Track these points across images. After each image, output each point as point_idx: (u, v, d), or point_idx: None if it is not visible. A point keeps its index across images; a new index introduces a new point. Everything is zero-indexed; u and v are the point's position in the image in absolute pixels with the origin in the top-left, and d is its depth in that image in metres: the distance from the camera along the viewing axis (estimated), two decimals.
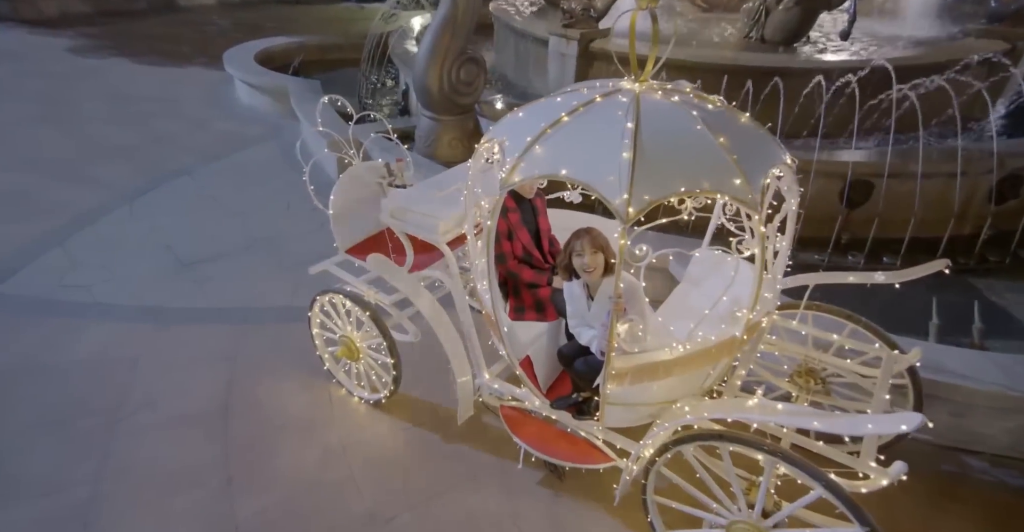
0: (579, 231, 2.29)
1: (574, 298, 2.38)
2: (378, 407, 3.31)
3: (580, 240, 2.26)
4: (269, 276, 4.44)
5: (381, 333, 3.00)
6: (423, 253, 3.15)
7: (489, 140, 2.44)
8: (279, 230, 5.04)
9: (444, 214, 2.84)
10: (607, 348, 2.09)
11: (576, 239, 2.28)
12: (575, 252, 2.28)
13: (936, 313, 3.25)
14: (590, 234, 2.26)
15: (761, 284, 2.00)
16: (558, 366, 3.00)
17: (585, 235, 2.26)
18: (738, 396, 2.33)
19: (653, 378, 2.18)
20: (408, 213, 2.95)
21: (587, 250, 2.25)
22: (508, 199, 2.40)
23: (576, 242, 2.28)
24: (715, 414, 1.95)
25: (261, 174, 6.05)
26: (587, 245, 2.25)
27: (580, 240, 2.26)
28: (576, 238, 2.29)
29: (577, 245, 2.27)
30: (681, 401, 2.30)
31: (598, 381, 2.43)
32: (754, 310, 2.04)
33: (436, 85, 5.08)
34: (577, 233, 2.29)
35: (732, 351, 2.15)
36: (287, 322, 3.90)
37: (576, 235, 2.29)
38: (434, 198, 2.96)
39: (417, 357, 3.60)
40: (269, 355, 3.66)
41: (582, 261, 2.26)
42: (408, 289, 2.90)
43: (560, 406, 2.73)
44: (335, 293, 3.12)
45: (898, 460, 1.76)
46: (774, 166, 2.06)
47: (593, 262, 2.25)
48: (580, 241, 2.26)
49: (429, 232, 2.85)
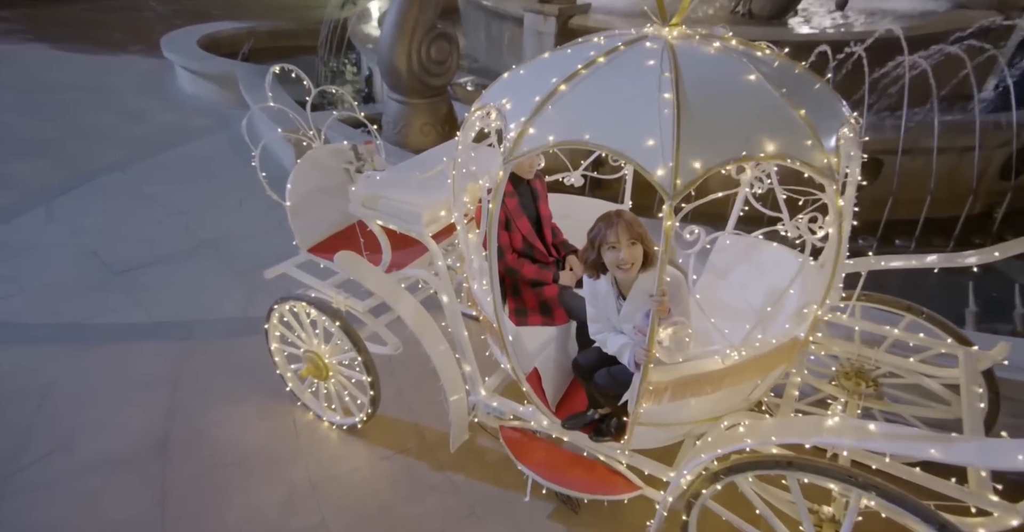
0: (608, 217, 1.83)
1: (599, 298, 1.94)
2: (353, 433, 2.81)
3: (613, 228, 1.79)
4: (218, 283, 3.85)
5: (354, 346, 2.50)
6: (402, 249, 2.66)
7: (483, 106, 1.97)
8: (230, 230, 4.44)
9: (427, 201, 2.36)
10: (645, 358, 1.66)
11: (607, 227, 1.80)
12: (607, 244, 1.80)
13: (972, 299, 2.96)
14: (624, 220, 1.81)
15: (836, 272, 1.61)
16: (568, 377, 2.56)
17: (618, 221, 1.81)
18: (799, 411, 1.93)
19: (698, 393, 1.77)
20: (383, 201, 2.46)
21: (623, 241, 1.78)
22: None
23: (608, 231, 1.79)
24: (787, 438, 1.54)
25: (208, 169, 5.40)
26: (623, 234, 1.78)
27: (613, 228, 1.79)
28: (607, 226, 1.80)
29: (610, 235, 1.79)
30: (727, 418, 1.89)
31: (626, 397, 2.01)
32: (824, 304, 1.64)
33: (404, 64, 4.56)
34: (607, 219, 1.83)
35: (793, 356, 1.75)
36: (241, 336, 3.34)
37: (606, 222, 1.83)
38: (413, 182, 2.47)
39: (398, 368, 3.12)
40: (219, 377, 3.10)
41: (617, 255, 1.79)
42: (385, 292, 2.41)
43: (574, 426, 2.30)
44: (296, 300, 2.60)
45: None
46: (842, 125, 1.67)
47: (631, 256, 1.79)
48: (613, 230, 1.78)
49: (410, 223, 2.37)
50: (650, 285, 1.75)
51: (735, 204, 2.47)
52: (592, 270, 1.89)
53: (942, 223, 4.00)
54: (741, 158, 1.47)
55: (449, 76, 4.85)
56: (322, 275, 2.81)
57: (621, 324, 1.89)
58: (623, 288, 1.88)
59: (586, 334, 2.36)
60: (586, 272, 1.92)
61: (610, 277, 1.89)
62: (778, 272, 2.25)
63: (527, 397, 2.27)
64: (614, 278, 1.88)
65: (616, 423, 2.24)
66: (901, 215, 3.97)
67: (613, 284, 1.89)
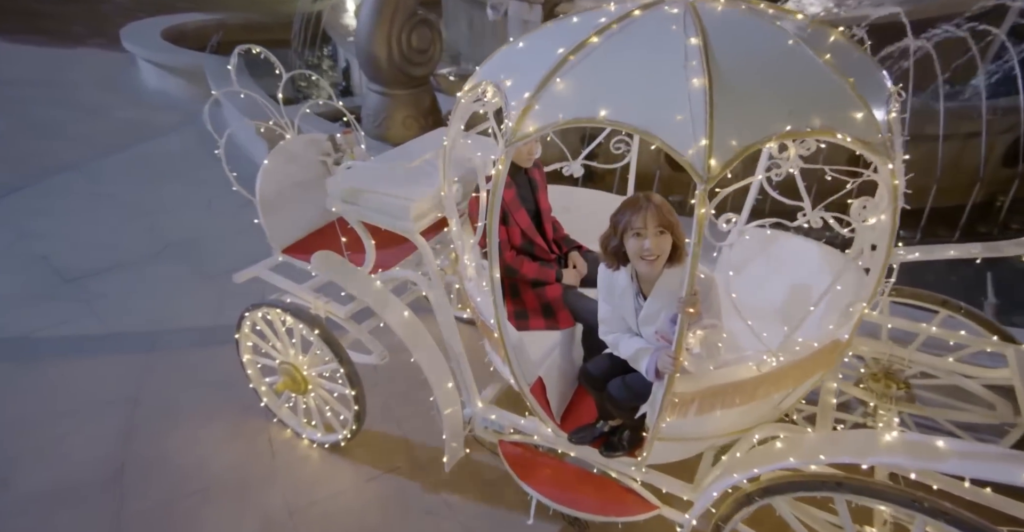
0: (636, 200, 1.61)
1: (614, 294, 1.72)
2: (336, 452, 2.55)
3: (640, 213, 1.56)
4: (185, 289, 3.55)
5: (336, 356, 2.25)
6: (388, 248, 2.41)
7: (477, 84, 1.74)
8: (199, 232, 4.12)
9: (415, 193, 2.12)
10: (670, 367, 1.44)
11: (634, 211, 1.58)
12: (631, 230, 1.58)
13: (991, 290, 2.82)
14: (653, 204, 1.57)
15: (887, 265, 1.41)
16: (573, 385, 2.34)
17: (647, 206, 1.57)
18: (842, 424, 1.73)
19: (728, 405, 1.56)
20: (365, 195, 2.21)
21: (650, 228, 1.55)
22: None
23: (634, 216, 1.57)
24: (838, 457, 1.34)
25: (174, 167, 5.05)
26: (651, 220, 1.55)
27: (640, 213, 1.56)
28: (634, 210, 1.58)
29: (635, 220, 1.56)
30: (758, 430, 1.69)
31: (644, 410, 1.79)
32: (873, 300, 1.45)
33: (384, 52, 4.29)
34: (634, 203, 1.60)
35: (834, 360, 1.56)
36: (211, 346, 3.05)
37: (633, 206, 1.59)
38: (399, 174, 2.23)
39: (383, 378, 2.86)
40: (184, 393, 2.81)
41: (641, 244, 1.57)
42: (369, 296, 2.16)
43: (582, 440, 2.08)
44: (270, 307, 2.34)
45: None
46: (888, 98, 1.47)
47: (658, 246, 1.57)
48: (640, 214, 1.56)
49: (396, 219, 2.13)
50: (676, 283, 1.54)
51: (749, 193, 2.28)
52: (612, 258, 1.68)
53: (944, 213, 3.88)
54: (785, 134, 1.27)
55: (432, 66, 4.60)
56: (299, 278, 2.55)
57: (640, 326, 1.68)
58: (644, 285, 1.66)
59: (594, 339, 2.15)
60: (604, 260, 1.71)
61: (630, 270, 1.67)
62: (800, 266, 2.06)
63: (530, 409, 2.04)
64: (635, 272, 1.67)
65: (629, 436, 2.03)
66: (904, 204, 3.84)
67: (633, 279, 1.67)
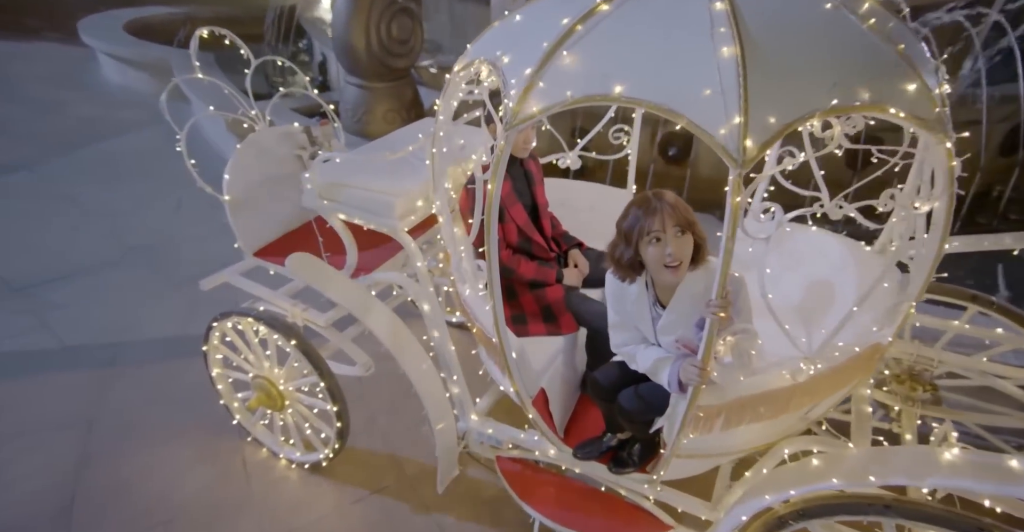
0: (646, 200, 1.37)
1: (626, 303, 1.53)
2: (318, 472, 2.33)
3: (655, 215, 1.34)
4: (150, 297, 3.28)
5: (315, 369, 2.04)
6: (370, 248, 2.21)
7: (470, 62, 1.55)
8: (166, 235, 3.85)
9: (401, 188, 1.92)
10: (696, 378, 1.27)
11: (647, 214, 1.34)
12: (648, 235, 1.35)
13: (1003, 284, 2.72)
14: (667, 203, 1.34)
15: (940, 256, 1.26)
16: (575, 394, 2.16)
17: (660, 206, 1.34)
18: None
19: (758, 418, 1.40)
20: (345, 190, 2.01)
21: (669, 230, 1.33)
22: (485, 168, 1.50)
23: (648, 219, 1.34)
24: (892, 478, 1.17)
25: (139, 166, 4.75)
26: (669, 222, 1.33)
27: (655, 215, 1.34)
28: (647, 212, 1.34)
29: (651, 223, 1.33)
30: (787, 443, 1.53)
31: (660, 424, 1.62)
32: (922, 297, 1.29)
33: (363, 43, 4.08)
34: (644, 204, 1.36)
35: (873, 366, 1.40)
36: (178, 359, 2.80)
37: (644, 207, 1.35)
38: (382, 166, 2.02)
39: (368, 390, 2.66)
40: (148, 412, 2.56)
41: (662, 251, 1.34)
42: (351, 302, 1.95)
43: (589, 455, 1.90)
44: (241, 316, 2.11)
45: None
46: (936, 69, 1.32)
47: (680, 250, 1.34)
48: (656, 217, 1.34)
49: (380, 216, 1.93)
50: (700, 287, 1.37)
51: (759, 183, 2.13)
52: (627, 271, 1.44)
53: None
54: (830, 109, 1.10)
55: (413, 57, 4.39)
56: (273, 284, 2.33)
57: (659, 336, 1.49)
58: (661, 291, 1.47)
59: (600, 344, 1.97)
60: (617, 273, 1.48)
61: (645, 277, 1.48)
62: (820, 261, 1.91)
63: (532, 423, 1.86)
64: (649, 279, 1.48)
65: (640, 450, 1.86)
66: None
67: (648, 287, 1.48)
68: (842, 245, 1.86)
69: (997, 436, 1.99)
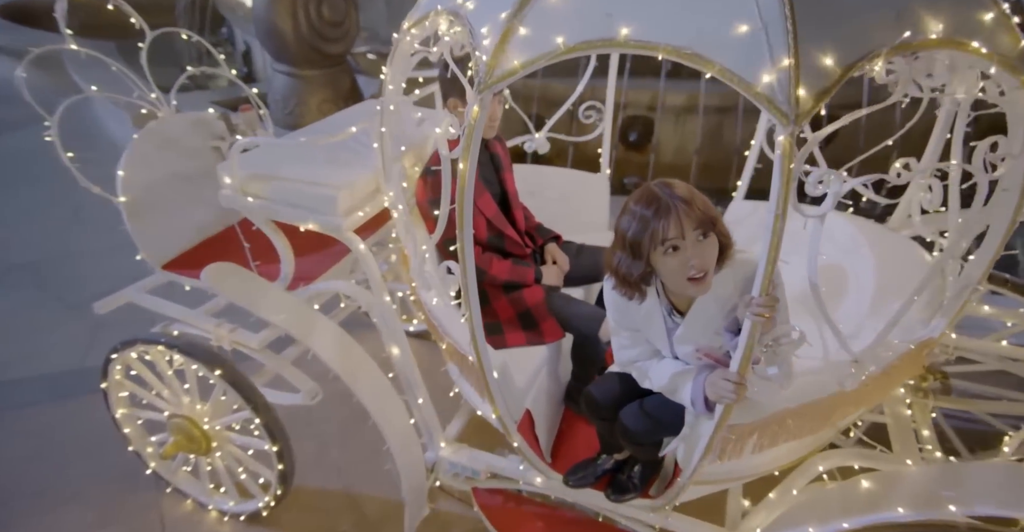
0: (653, 197, 1.06)
1: (633, 316, 1.25)
2: (258, 522, 1.95)
3: (669, 217, 1.04)
4: (39, 323, 2.75)
5: (248, 402, 1.67)
6: (309, 253, 1.86)
7: (424, 17, 1.25)
8: (59, 250, 3.29)
9: (343, 178, 1.60)
10: (731, 394, 1.03)
11: (658, 216, 1.04)
12: (663, 244, 1.05)
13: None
14: (680, 199, 1.05)
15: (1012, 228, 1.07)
16: (559, 409, 1.90)
17: (675, 204, 1.04)
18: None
19: (797, 435, 1.18)
20: (275, 184, 1.65)
21: (689, 235, 1.04)
22: (451, 145, 1.19)
23: (661, 223, 1.04)
24: (982, 507, 0.93)
25: (26, 171, 4.10)
26: (688, 224, 1.04)
27: (669, 217, 1.04)
28: (657, 214, 1.04)
29: (667, 230, 1.03)
30: (821, 459, 1.32)
31: (673, 446, 1.38)
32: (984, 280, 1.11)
33: (289, 25, 3.65)
34: (652, 202, 1.06)
35: (921, 364, 1.21)
36: (74, 400, 2.33)
37: (654, 207, 1.05)
38: (319, 153, 1.69)
39: (317, 416, 2.30)
40: (36, 467, 2.08)
41: (684, 262, 1.05)
42: (288, 319, 1.60)
43: (583, 482, 1.64)
44: (148, 343, 1.71)
45: None
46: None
47: (704, 258, 1.06)
48: (670, 219, 1.04)
49: (319, 213, 1.59)
50: (728, 286, 1.12)
51: (748, 160, 1.94)
52: (636, 288, 1.15)
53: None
54: (899, 45, 0.88)
55: (348, 42, 4.00)
56: (193, 301, 1.92)
57: (676, 347, 1.24)
58: (678, 298, 1.20)
59: (588, 351, 1.72)
60: (622, 290, 1.17)
61: (655, 285, 1.20)
62: (826, 245, 1.73)
63: (517, 451, 1.58)
64: (661, 287, 1.20)
65: (641, 471, 1.62)
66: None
67: (660, 294, 1.21)
68: (851, 224, 1.69)
69: (1003, 421, 1.89)
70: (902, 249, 1.45)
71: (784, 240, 1.53)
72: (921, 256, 1.40)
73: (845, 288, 1.58)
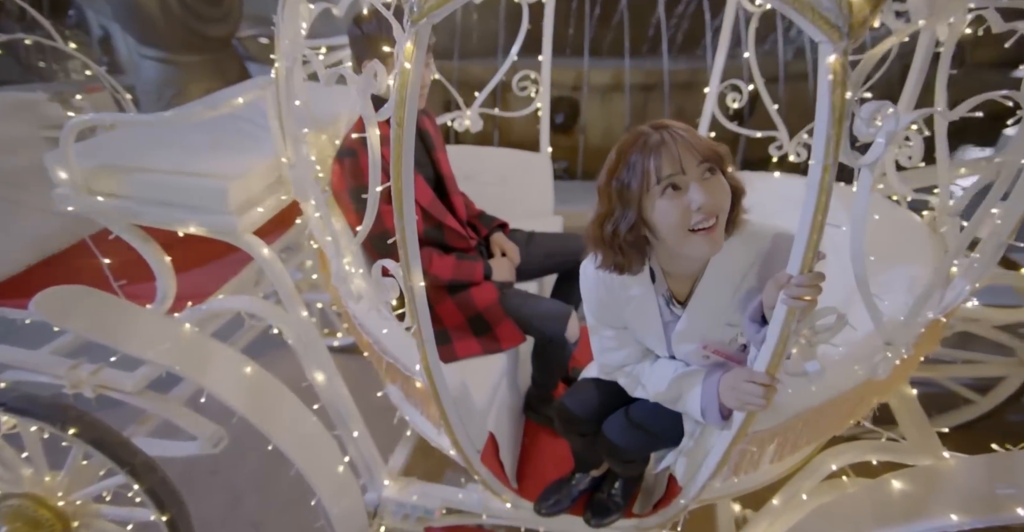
0: (641, 137, 0.85)
1: (619, 310, 1.01)
2: None
3: (664, 150, 0.82)
4: None
5: (122, 465, 1.26)
6: (198, 265, 1.48)
7: None
8: None
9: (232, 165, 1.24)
10: (760, 400, 0.83)
11: (646, 152, 0.83)
12: (660, 182, 0.83)
13: None
14: (675, 130, 0.84)
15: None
16: (521, 423, 1.64)
17: (669, 135, 0.83)
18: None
19: (821, 434, 1.02)
20: (135, 178, 1.26)
21: (691, 169, 0.83)
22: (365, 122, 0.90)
23: (652, 159, 0.82)
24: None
25: None
26: (687, 153, 0.82)
27: (664, 150, 0.82)
28: (645, 150, 0.83)
29: (661, 165, 0.82)
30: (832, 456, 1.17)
31: (669, 461, 1.17)
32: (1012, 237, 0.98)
33: (155, 2, 3.09)
34: (641, 140, 0.84)
35: (937, 340, 1.09)
36: None
37: (642, 144, 0.84)
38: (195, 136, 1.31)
39: (228, 459, 1.91)
40: None
41: (683, 204, 0.83)
42: (169, 351, 1.22)
43: (558, 508, 1.41)
44: None
45: None
46: None
47: (714, 198, 0.83)
48: (665, 152, 0.82)
49: (204, 211, 1.23)
50: (739, 262, 0.92)
51: (701, 121, 1.79)
52: (630, 254, 0.90)
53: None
54: None
55: (232, 24, 3.48)
56: (36, 340, 1.46)
57: (675, 345, 1.02)
58: (677, 282, 0.97)
59: (553, 353, 1.48)
60: (610, 264, 0.93)
61: (648, 271, 0.96)
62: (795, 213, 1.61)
63: (478, 479, 1.31)
64: (656, 266, 0.97)
65: (623, 486, 1.41)
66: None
67: (655, 277, 0.97)
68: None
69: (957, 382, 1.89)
70: (883, 211, 1.34)
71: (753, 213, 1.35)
72: (907, 217, 1.29)
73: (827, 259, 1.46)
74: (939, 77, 1.08)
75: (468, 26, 3.49)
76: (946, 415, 1.91)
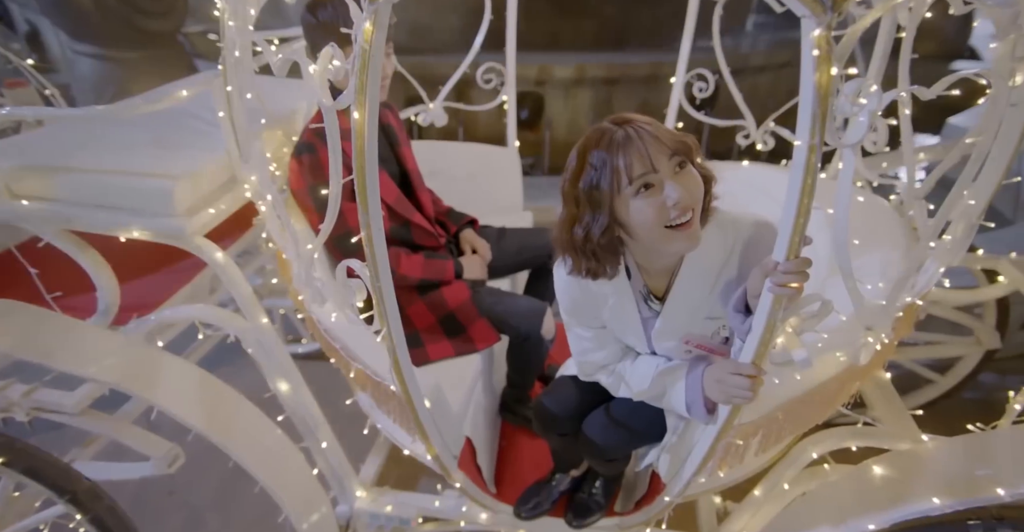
0: (604, 134, 0.81)
1: (595, 309, 0.98)
2: None
3: (632, 147, 0.79)
4: None
5: (61, 495, 1.15)
6: (147, 273, 1.37)
7: None
8: None
9: (179, 163, 1.15)
10: (747, 392, 0.80)
11: (615, 152, 0.79)
12: (633, 182, 0.80)
13: None
14: (640, 126, 0.80)
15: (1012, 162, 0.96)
16: (497, 425, 1.60)
17: (636, 133, 0.79)
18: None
19: (804, 424, 1.01)
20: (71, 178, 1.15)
21: (662, 166, 0.80)
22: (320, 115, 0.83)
23: (621, 158, 0.79)
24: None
25: None
26: (656, 149, 0.79)
27: (632, 147, 0.79)
28: (614, 150, 0.79)
29: (632, 163, 0.79)
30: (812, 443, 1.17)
31: (650, 458, 1.15)
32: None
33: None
34: (605, 137, 0.80)
35: (912, 323, 1.10)
36: None
37: (606, 142, 0.80)
38: (139, 137, 1.21)
39: (185, 473, 1.78)
40: None
41: (659, 202, 0.80)
42: (112, 367, 1.12)
43: (538, 511, 1.38)
44: None
45: None
46: None
47: (689, 192, 0.81)
48: (632, 151, 0.78)
49: (149, 214, 1.13)
50: (717, 254, 0.89)
51: (669, 112, 1.78)
52: (604, 258, 0.87)
53: None
54: None
55: (177, 19, 3.30)
56: None
57: (655, 342, 0.98)
58: (654, 277, 0.94)
59: (528, 351, 1.44)
60: (583, 268, 0.89)
61: (624, 268, 0.93)
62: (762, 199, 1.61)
63: (455, 485, 1.26)
64: (632, 263, 0.93)
65: (604, 484, 1.39)
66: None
67: (631, 275, 0.94)
68: (781, 174, 1.58)
69: (918, 363, 1.94)
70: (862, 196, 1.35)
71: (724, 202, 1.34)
72: (876, 201, 1.31)
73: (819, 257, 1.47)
74: (902, 59, 1.08)
75: (426, 23, 3.41)
76: (909, 395, 1.97)
